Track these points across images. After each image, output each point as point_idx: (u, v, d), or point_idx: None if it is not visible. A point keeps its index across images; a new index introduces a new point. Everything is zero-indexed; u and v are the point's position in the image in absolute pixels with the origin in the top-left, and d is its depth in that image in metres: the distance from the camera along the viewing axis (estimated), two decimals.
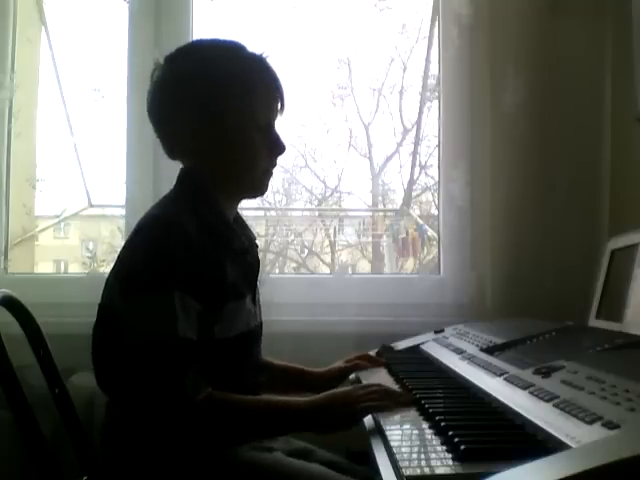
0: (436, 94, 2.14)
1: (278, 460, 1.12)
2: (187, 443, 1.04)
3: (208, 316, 1.06)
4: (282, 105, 1.21)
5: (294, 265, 2.62)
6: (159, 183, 1.90)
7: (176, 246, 1.03)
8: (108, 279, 1.14)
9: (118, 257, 1.14)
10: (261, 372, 1.26)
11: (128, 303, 1.04)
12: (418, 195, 2.55)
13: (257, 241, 1.29)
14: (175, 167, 1.25)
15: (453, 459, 0.76)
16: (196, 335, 1.03)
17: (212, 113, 1.14)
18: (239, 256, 1.18)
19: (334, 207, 2.61)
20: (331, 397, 1.07)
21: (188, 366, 1.01)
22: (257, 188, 1.24)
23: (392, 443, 0.84)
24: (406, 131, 2.52)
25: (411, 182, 2.43)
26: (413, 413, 0.99)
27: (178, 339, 1.00)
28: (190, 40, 2.01)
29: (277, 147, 1.20)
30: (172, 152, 1.21)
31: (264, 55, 1.19)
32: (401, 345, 1.63)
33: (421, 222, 2.32)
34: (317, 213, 2.55)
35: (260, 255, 1.29)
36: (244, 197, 1.27)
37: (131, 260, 1.08)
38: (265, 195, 2.27)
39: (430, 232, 2.27)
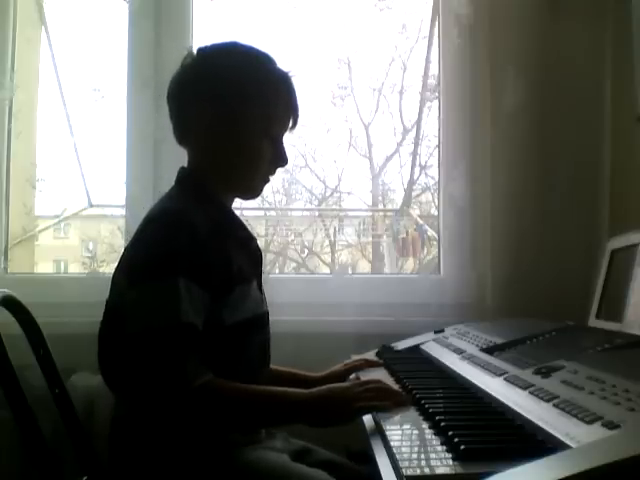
0: (436, 94, 2.14)
1: (284, 463, 1.13)
2: (186, 429, 1.05)
3: (216, 302, 1.08)
4: (294, 124, 1.26)
5: (294, 265, 2.62)
6: (159, 183, 1.90)
7: (181, 235, 1.06)
8: (114, 276, 1.16)
9: (123, 253, 1.16)
10: (268, 361, 1.27)
11: (133, 291, 1.06)
12: (418, 195, 2.55)
13: (257, 241, 1.32)
14: (175, 167, 1.25)
15: (453, 459, 0.76)
16: (201, 322, 1.04)
17: (231, 114, 1.18)
18: (244, 244, 1.23)
19: (334, 207, 2.61)
20: (330, 391, 1.08)
21: (190, 352, 1.01)
22: (252, 192, 1.30)
23: (392, 443, 0.84)
24: (406, 131, 2.52)
25: (411, 182, 2.43)
26: (413, 413, 0.99)
27: (181, 325, 1.01)
28: (190, 40, 2.01)
29: (281, 159, 1.25)
30: (181, 139, 1.25)
31: (290, 74, 1.24)
32: (401, 345, 1.63)
33: (421, 222, 2.32)
34: (317, 213, 2.54)
35: None
36: (237, 197, 1.31)
37: (137, 253, 1.11)
38: (265, 195, 2.27)
39: (430, 232, 2.27)
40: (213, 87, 1.18)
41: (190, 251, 1.05)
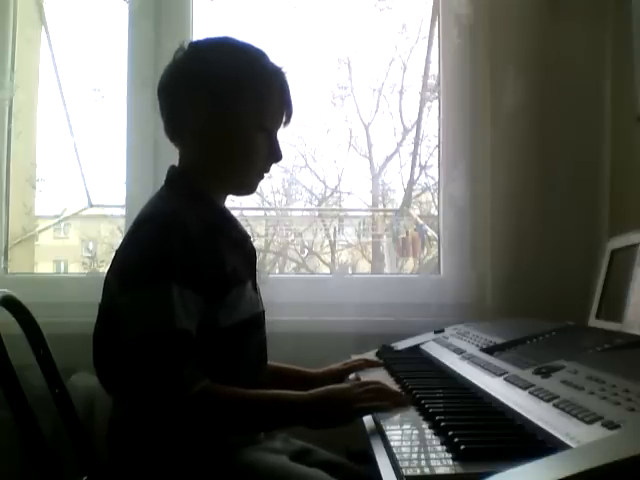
0: (436, 94, 2.14)
1: (283, 464, 1.13)
2: (185, 434, 1.05)
3: (211, 306, 1.08)
4: (288, 119, 1.25)
5: (294, 265, 2.62)
6: (159, 183, 1.87)
7: (173, 240, 1.05)
8: (106, 278, 1.15)
9: (115, 256, 1.15)
10: (265, 360, 1.27)
11: (126, 297, 1.05)
12: (418, 195, 2.55)
13: (257, 241, 1.31)
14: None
15: (453, 459, 0.76)
16: (195, 327, 1.04)
17: (226, 110, 1.17)
18: (238, 244, 1.22)
19: (334, 207, 2.61)
20: (328, 393, 1.08)
21: (186, 358, 1.01)
22: (247, 188, 1.28)
23: (392, 443, 0.84)
24: (406, 131, 2.52)
25: (411, 182, 2.43)
26: (413, 413, 0.99)
27: (175, 331, 1.01)
28: (190, 40, 2.01)
29: (275, 154, 1.24)
30: (173, 135, 1.24)
31: (284, 69, 1.24)
32: (401, 345, 1.63)
33: (421, 222, 2.32)
34: (317, 213, 2.54)
35: (260, 255, 1.30)
36: (231, 194, 1.30)
37: (129, 256, 1.10)
38: (265, 195, 2.27)
39: (430, 232, 2.27)
40: (207, 83, 1.17)
41: (183, 255, 1.04)
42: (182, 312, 1.02)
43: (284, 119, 1.25)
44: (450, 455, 0.77)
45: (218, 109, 1.17)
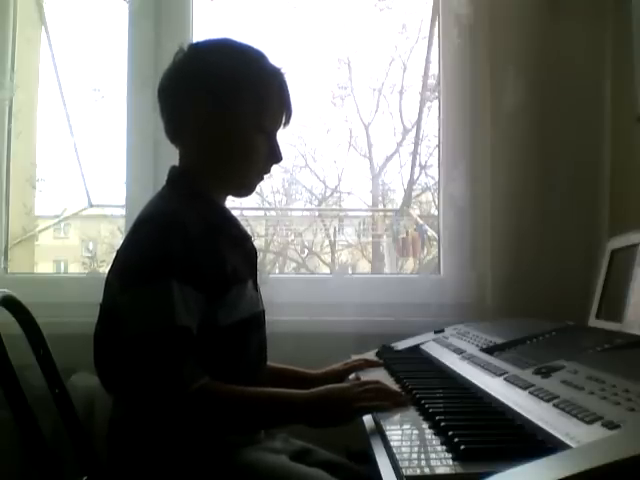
0: (436, 94, 2.14)
1: (283, 463, 1.13)
2: (184, 432, 1.05)
3: (212, 304, 1.08)
4: (287, 120, 1.25)
5: (294, 265, 2.62)
6: (159, 183, 1.87)
7: (173, 238, 1.05)
8: (107, 278, 1.16)
9: (116, 256, 1.16)
10: (265, 360, 1.27)
11: (127, 295, 1.06)
12: (418, 195, 2.55)
13: (257, 241, 1.32)
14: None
15: (453, 459, 0.76)
16: (196, 325, 1.04)
17: (226, 111, 1.18)
18: (238, 243, 1.22)
19: (334, 207, 2.61)
20: (328, 392, 1.08)
21: (185, 355, 1.01)
22: (246, 188, 1.28)
23: (392, 443, 0.84)
24: (406, 131, 2.52)
25: (411, 182, 2.43)
26: (413, 413, 0.99)
27: (176, 328, 1.01)
28: (190, 40, 2.01)
29: (275, 155, 1.24)
30: (174, 136, 1.24)
31: (282, 70, 1.24)
32: (401, 345, 1.63)
33: (421, 222, 2.32)
34: (317, 213, 2.54)
35: (260, 255, 1.30)
36: (231, 194, 1.30)
37: (129, 256, 1.10)
38: (265, 195, 2.27)
39: (430, 232, 2.28)
40: (206, 83, 1.17)
41: (183, 254, 1.05)
42: (183, 309, 1.02)
43: (283, 120, 1.25)
44: (450, 455, 0.77)
45: (218, 109, 1.17)
